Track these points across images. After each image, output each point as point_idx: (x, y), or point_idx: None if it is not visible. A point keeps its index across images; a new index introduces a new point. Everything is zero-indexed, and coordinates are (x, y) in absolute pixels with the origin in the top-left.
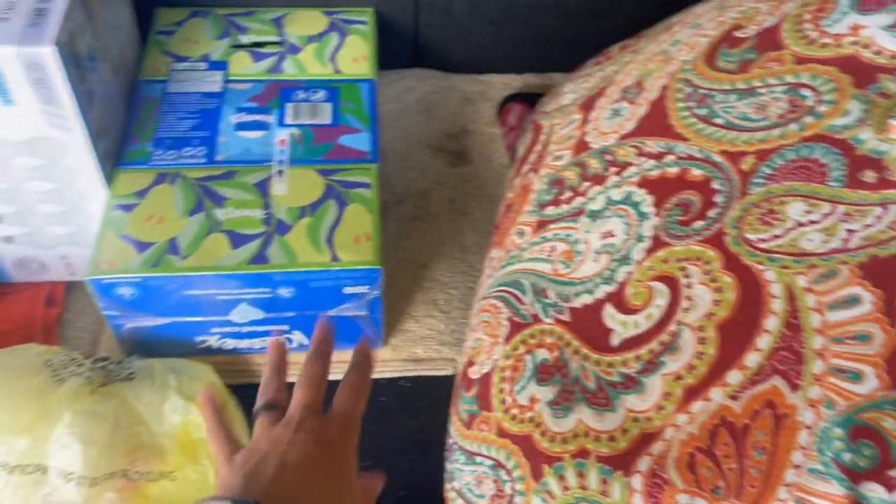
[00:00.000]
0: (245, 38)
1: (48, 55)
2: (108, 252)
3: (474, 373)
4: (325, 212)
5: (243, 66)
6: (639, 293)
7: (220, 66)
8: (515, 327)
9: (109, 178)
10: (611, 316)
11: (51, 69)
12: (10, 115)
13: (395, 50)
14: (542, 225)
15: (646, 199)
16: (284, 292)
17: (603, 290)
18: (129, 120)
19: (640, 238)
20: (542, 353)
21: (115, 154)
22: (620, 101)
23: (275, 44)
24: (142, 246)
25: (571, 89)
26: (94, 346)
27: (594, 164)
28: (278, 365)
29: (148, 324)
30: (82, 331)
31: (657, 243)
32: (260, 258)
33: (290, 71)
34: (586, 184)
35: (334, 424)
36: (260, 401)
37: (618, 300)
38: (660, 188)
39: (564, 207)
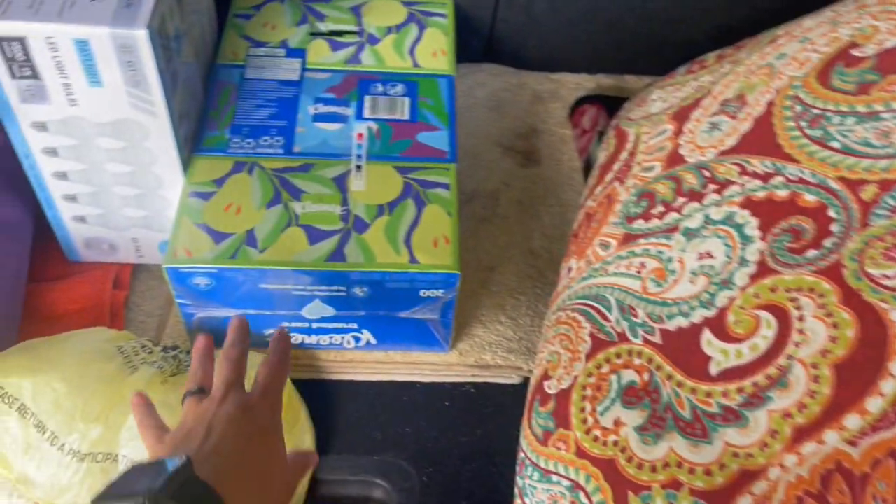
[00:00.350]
0: (323, 26)
1: (141, 38)
2: (185, 240)
3: (551, 387)
4: (404, 211)
5: (321, 54)
6: (742, 321)
7: (298, 53)
8: (598, 344)
9: (186, 163)
10: (709, 342)
11: (142, 52)
12: (97, 95)
13: (468, 43)
14: (629, 238)
15: (750, 222)
16: (359, 291)
17: (700, 315)
18: (207, 104)
19: (743, 262)
20: (630, 375)
21: (193, 139)
22: (720, 115)
23: (353, 33)
24: (219, 236)
25: (660, 97)
26: (160, 330)
27: (690, 180)
28: (205, 353)
29: (219, 314)
30: (148, 315)
31: (763, 269)
32: (337, 255)
33: (368, 62)
34: (681, 199)
35: (255, 395)
36: (188, 386)
37: (718, 326)
38: (767, 211)
39: (656, 222)
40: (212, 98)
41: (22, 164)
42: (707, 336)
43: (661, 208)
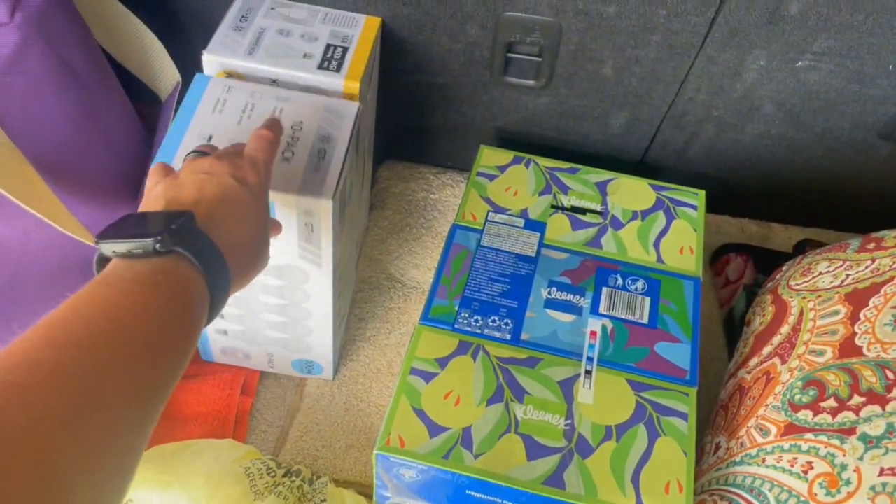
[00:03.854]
0: (566, 200)
1: (324, 207)
2: (401, 426)
3: None
4: (634, 440)
5: (561, 231)
6: None
7: (538, 226)
8: None
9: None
10: None
11: (322, 217)
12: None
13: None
14: (793, 430)
15: None
16: None
17: None
18: (440, 266)
19: None
20: None
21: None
22: None
23: (596, 213)
24: (436, 428)
25: (829, 270)
26: (279, 443)
27: (870, 378)
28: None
29: None
30: (270, 424)
31: None
32: (556, 479)
33: (609, 248)
34: (859, 398)
35: (246, 163)
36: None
37: None
38: None
39: (826, 418)
40: (445, 261)
41: None
42: None
43: (833, 403)
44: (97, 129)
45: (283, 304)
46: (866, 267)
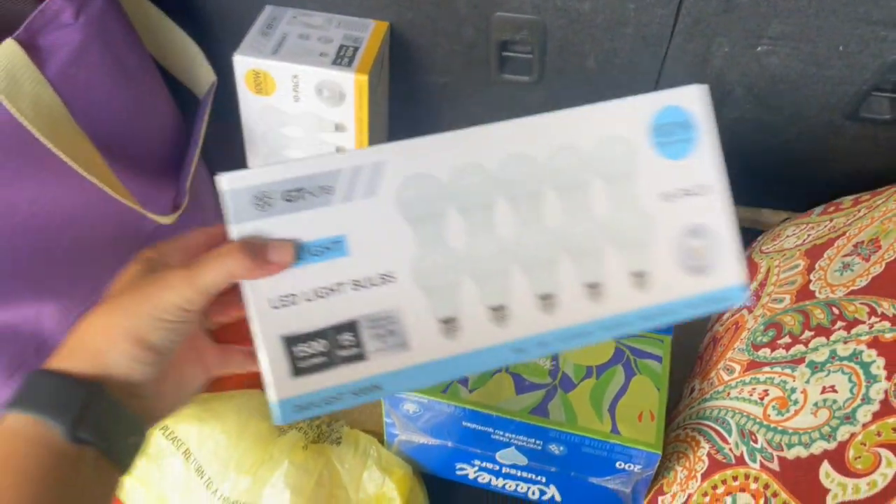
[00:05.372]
0: None
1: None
2: None
3: (664, 502)
4: (612, 377)
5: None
6: (863, 457)
7: None
8: (715, 465)
9: None
10: (828, 475)
11: None
12: None
13: None
14: (754, 366)
15: (876, 361)
16: (555, 449)
17: (821, 447)
18: None
19: (867, 399)
20: (745, 498)
21: None
22: (852, 256)
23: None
24: None
25: (794, 233)
26: None
27: (819, 315)
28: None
29: (418, 440)
30: None
31: (887, 409)
32: (541, 410)
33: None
34: (808, 333)
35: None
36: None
37: (837, 460)
38: (894, 352)
39: (781, 353)
40: None
41: None
42: (826, 468)
43: (787, 339)
44: (144, 118)
45: None
46: (825, 226)
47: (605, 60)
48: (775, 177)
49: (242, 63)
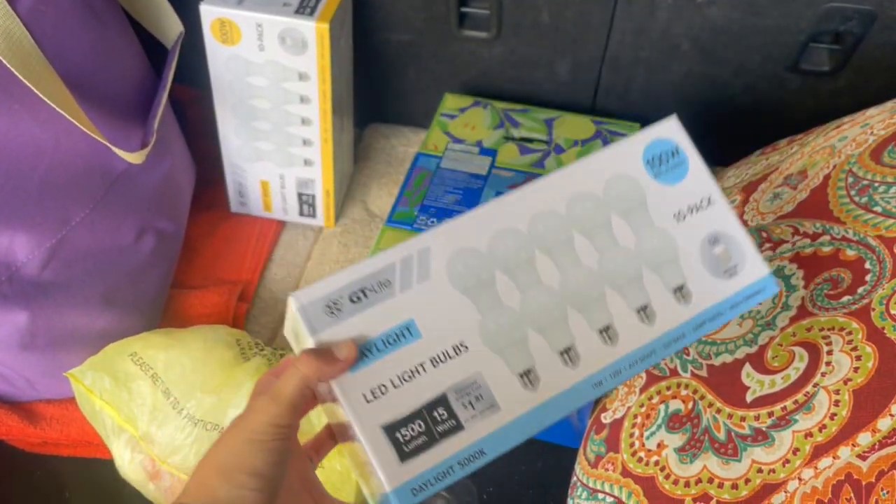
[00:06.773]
0: (516, 132)
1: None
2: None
3: (606, 418)
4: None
5: (510, 156)
6: (779, 356)
7: (490, 152)
8: (652, 379)
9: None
10: (748, 374)
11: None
12: None
13: None
14: None
15: (796, 273)
16: None
17: (743, 351)
18: (404, 185)
19: (786, 307)
20: (676, 404)
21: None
22: (782, 187)
23: (542, 142)
24: None
25: (734, 174)
26: (271, 340)
27: None
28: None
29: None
30: (263, 326)
31: (803, 313)
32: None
33: (551, 167)
34: None
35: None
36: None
37: (757, 361)
38: (812, 265)
39: None
40: (409, 180)
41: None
42: (747, 369)
43: None
44: (112, 61)
45: None
46: (761, 165)
47: (557, 14)
48: (727, 136)
49: (209, 12)
